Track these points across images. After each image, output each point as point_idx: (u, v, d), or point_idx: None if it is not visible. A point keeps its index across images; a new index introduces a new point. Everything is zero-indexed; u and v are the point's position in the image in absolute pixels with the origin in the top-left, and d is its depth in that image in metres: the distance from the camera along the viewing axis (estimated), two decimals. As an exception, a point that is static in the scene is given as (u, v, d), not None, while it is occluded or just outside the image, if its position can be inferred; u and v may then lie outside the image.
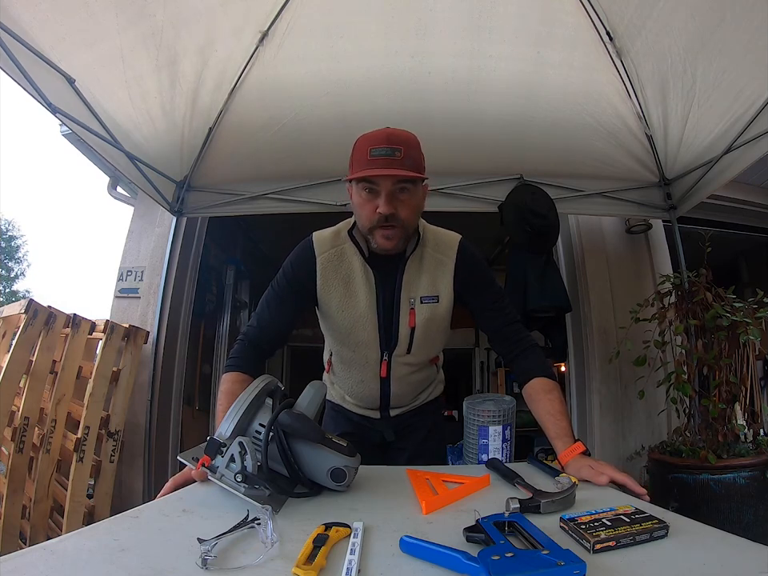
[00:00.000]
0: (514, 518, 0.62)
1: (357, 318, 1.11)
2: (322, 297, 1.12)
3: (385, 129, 1.02)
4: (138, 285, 2.94)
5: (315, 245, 1.12)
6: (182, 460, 0.81)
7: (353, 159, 1.03)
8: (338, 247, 1.11)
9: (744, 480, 1.86)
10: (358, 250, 1.11)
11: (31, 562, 0.52)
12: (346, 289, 1.11)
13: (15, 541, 1.86)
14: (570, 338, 2.82)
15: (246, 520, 0.62)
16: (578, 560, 0.49)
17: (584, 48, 1.97)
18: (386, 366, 1.16)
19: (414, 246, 1.12)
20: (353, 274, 1.11)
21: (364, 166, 0.97)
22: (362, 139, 1.02)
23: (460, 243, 1.14)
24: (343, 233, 1.13)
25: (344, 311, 1.11)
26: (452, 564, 0.51)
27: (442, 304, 1.13)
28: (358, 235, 1.11)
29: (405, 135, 1.02)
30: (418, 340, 1.14)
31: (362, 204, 1.02)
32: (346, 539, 0.60)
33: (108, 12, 1.63)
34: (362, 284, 1.10)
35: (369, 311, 1.11)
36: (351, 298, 1.11)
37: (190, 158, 2.41)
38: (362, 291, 1.10)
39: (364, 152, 0.98)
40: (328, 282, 1.11)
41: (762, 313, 1.96)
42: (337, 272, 1.11)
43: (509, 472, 0.89)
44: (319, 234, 1.15)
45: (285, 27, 1.91)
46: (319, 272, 1.10)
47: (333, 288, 1.11)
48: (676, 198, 2.49)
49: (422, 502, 0.73)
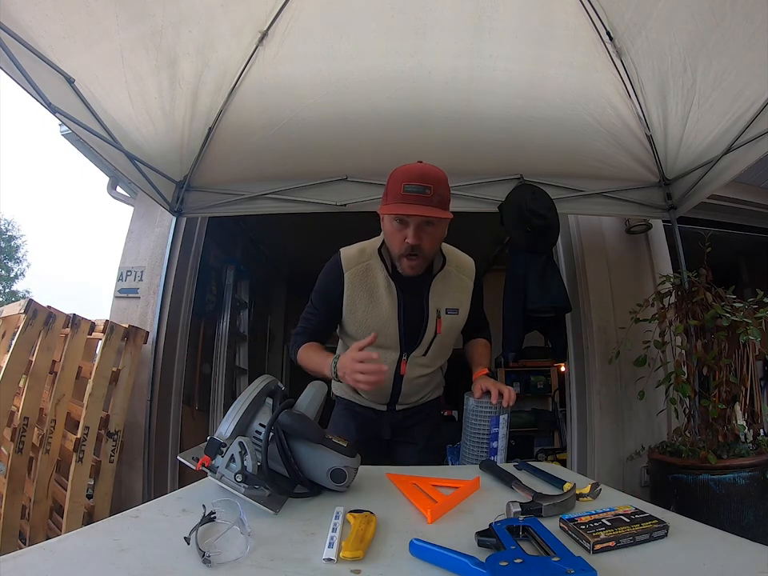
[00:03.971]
0: (529, 522, 0.61)
1: (381, 324, 1.25)
2: (349, 307, 1.26)
3: (419, 165, 1.16)
4: (137, 285, 2.94)
5: (343, 262, 1.26)
6: (181, 460, 0.81)
7: (388, 190, 1.16)
8: (364, 263, 1.26)
9: (744, 480, 1.87)
10: (383, 265, 1.26)
11: (31, 562, 0.52)
12: (370, 299, 1.25)
13: (15, 541, 1.86)
14: (570, 338, 2.82)
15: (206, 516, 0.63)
16: (589, 568, 0.48)
17: (584, 48, 1.97)
18: (405, 366, 1.29)
19: (441, 266, 1.29)
20: (377, 286, 1.25)
21: (398, 200, 1.11)
22: (398, 173, 1.14)
23: (476, 267, 1.35)
24: (369, 249, 1.28)
25: (369, 319, 1.25)
26: (459, 569, 0.51)
27: (460, 315, 1.31)
28: (386, 253, 1.26)
29: (435, 173, 1.15)
30: (436, 345, 1.30)
31: (392, 233, 1.18)
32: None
33: (108, 12, 1.62)
34: (386, 295, 1.25)
35: (392, 318, 1.25)
36: (376, 307, 1.25)
37: (190, 158, 2.41)
38: (386, 301, 1.25)
39: (398, 186, 1.11)
40: (354, 293, 1.25)
41: (761, 313, 1.96)
42: (363, 285, 1.25)
43: (504, 474, 0.89)
44: (346, 252, 1.28)
45: (285, 27, 1.91)
46: (347, 286, 1.25)
47: (359, 299, 1.25)
48: (676, 198, 2.49)
49: (425, 511, 0.71)
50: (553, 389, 4.72)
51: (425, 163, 1.18)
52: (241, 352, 4.61)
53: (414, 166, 1.15)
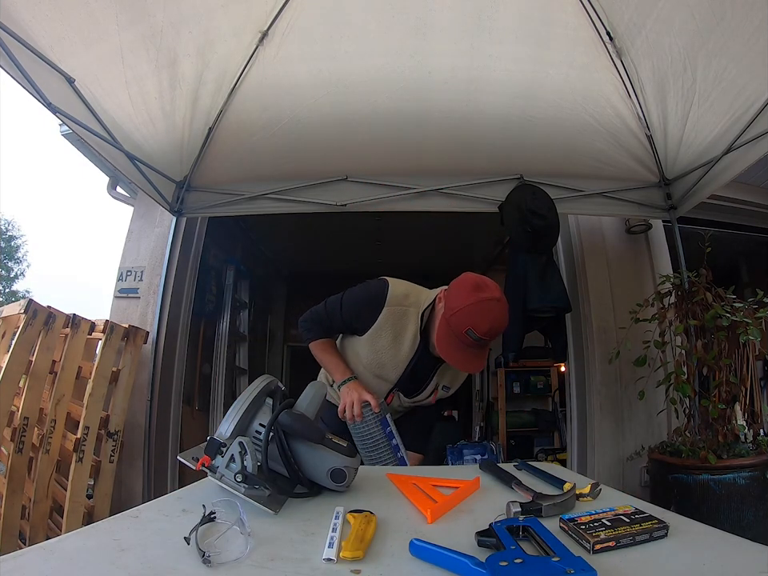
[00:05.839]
0: (529, 522, 0.61)
1: (391, 363, 1.37)
2: (373, 335, 1.35)
3: (491, 315, 1.18)
4: (137, 285, 2.94)
5: (389, 297, 1.33)
6: (181, 460, 0.81)
7: (455, 307, 1.20)
8: (405, 307, 1.34)
9: (744, 480, 1.87)
10: (419, 322, 1.33)
11: (31, 562, 0.52)
12: (394, 339, 1.35)
13: (15, 541, 1.85)
14: (570, 338, 2.82)
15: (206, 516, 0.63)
16: (589, 568, 0.48)
17: (584, 48, 1.97)
18: (392, 398, 1.43)
19: None
20: (405, 332, 1.35)
21: (458, 336, 1.19)
22: (472, 310, 1.18)
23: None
24: (413, 298, 1.35)
25: (384, 354, 1.36)
26: (459, 569, 0.51)
27: (450, 392, 1.46)
28: (426, 317, 1.33)
29: (499, 329, 1.20)
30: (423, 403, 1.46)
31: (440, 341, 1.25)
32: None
33: (108, 12, 1.63)
34: (408, 345, 1.35)
35: (402, 364, 1.37)
36: (395, 348, 1.35)
37: (190, 158, 2.41)
38: (406, 348, 1.36)
39: (463, 325, 1.17)
40: (383, 327, 1.34)
41: (761, 313, 1.96)
42: (394, 324, 1.34)
43: (504, 474, 0.89)
44: (394, 289, 1.34)
45: (285, 27, 1.91)
46: (380, 318, 1.33)
47: (384, 333, 1.34)
48: (676, 198, 2.49)
49: (425, 511, 0.71)
50: (553, 389, 4.72)
51: (500, 305, 1.20)
52: (241, 352, 4.61)
53: (488, 315, 1.18)
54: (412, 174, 2.50)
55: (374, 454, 1.27)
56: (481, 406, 5.45)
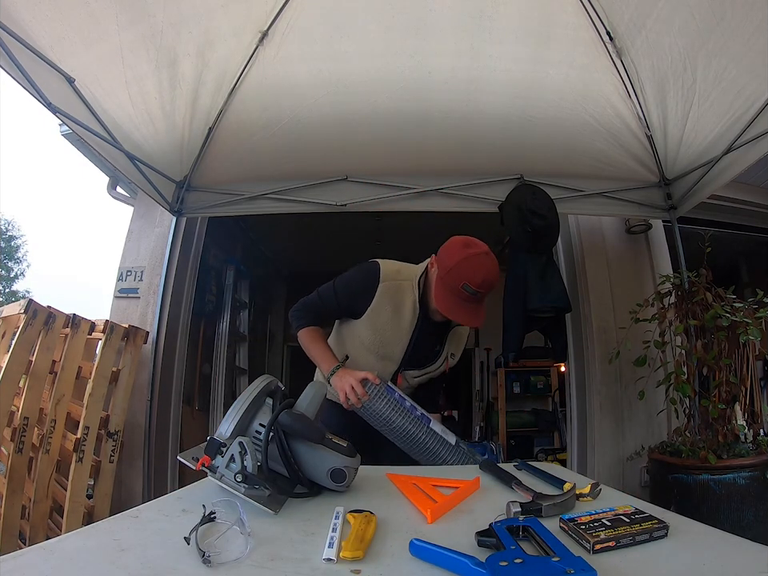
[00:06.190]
0: (529, 522, 0.61)
1: (395, 336, 1.39)
2: (372, 313, 1.37)
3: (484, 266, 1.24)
4: (137, 285, 2.94)
5: (382, 274, 1.37)
6: (181, 460, 0.81)
7: (448, 266, 1.25)
8: (398, 282, 1.38)
9: (744, 480, 1.86)
10: (416, 291, 1.38)
11: (31, 562, 0.52)
12: (394, 312, 1.37)
13: (15, 541, 1.85)
14: (570, 338, 2.82)
15: (206, 516, 0.63)
16: (589, 568, 0.48)
17: (584, 48, 1.97)
18: (400, 379, 1.44)
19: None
20: (403, 304, 1.38)
21: (455, 292, 1.24)
22: (464, 265, 1.23)
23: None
24: (405, 273, 1.40)
25: (388, 328, 1.38)
26: (459, 569, 0.51)
27: (455, 360, 1.50)
28: (421, 285, 1.38)
29: (492, 281, 1.25)
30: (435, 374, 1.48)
31: (438, 299, 1.29)
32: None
33: (108, 12, 1.62)
34: (409, 315, 1.38)
35: (405, 336, 1.39)
36: (397, 320, 1.38)
37: (190, 158, 2.41)
38: (407, 320, 1.38)
39: (458, 280, 1.22)
40: (381, 304, 1.36)
41: (761, 313, 1.96)
42: (392, 298, 1.37)
43: (504, 474, 0.89)
44: (385, 266, 1.39)
45: (285, 27, 1.91)
46: (377, 295, 1.36)
47: (383, 309, 1.37)
48: (676, 198, 2.49)
49: (425, 511, 0.71)
50: (553, 389, 4.72)
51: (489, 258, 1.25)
52: (241, 352, 4.61)
53: (480, 267, 1.23)
54: (412, 173, 2.50)
55: (396, 426, 1.22)
56: (481, 406, 5.45)
